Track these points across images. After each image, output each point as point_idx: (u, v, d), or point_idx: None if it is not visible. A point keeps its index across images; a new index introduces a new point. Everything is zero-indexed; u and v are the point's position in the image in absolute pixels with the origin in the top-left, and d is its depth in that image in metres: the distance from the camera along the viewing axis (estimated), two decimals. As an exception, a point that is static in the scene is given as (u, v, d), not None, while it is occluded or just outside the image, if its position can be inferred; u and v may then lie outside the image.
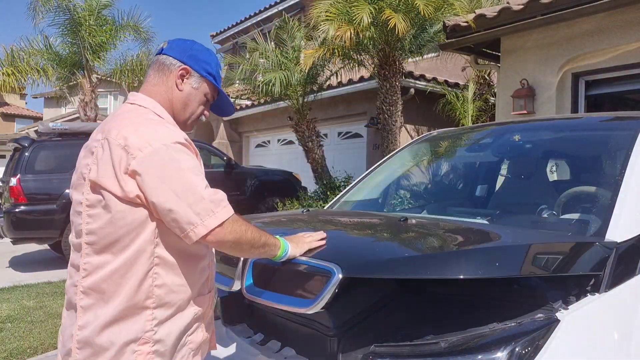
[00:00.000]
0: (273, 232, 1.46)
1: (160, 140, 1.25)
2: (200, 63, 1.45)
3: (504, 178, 2.97)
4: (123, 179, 1.22)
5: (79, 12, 10.24)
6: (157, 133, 1.27)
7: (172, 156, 1.25)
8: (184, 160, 1.26)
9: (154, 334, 1.27)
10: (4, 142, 17.33)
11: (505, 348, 1.25)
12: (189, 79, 1.43)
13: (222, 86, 1.58)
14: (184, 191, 1.23)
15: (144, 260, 1.26)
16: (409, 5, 5.87)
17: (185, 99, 1.44)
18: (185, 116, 1.45)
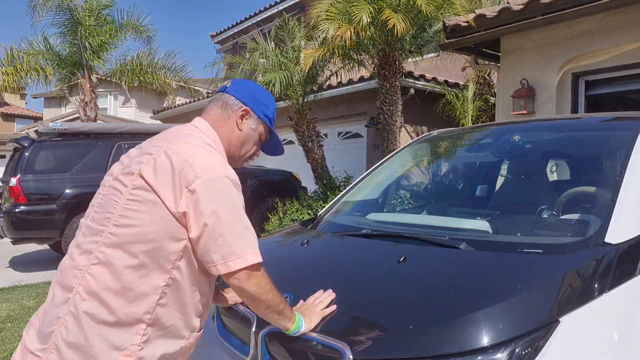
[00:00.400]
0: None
1: (223, 171, 1.32)
2: (260, 106, 1.54)
3: (504, 178, 2.97)
4: (181, 192, 1.25)
5: (79, 12, 10.24)
6: (220, 164, 1.35)
7: (231, 189, 1.32)
8: (239, 198, 1.34)
9: (139, 349, 1.27)
10: (4, 142, 17.34)
11: (505, 349, 1.25)
12: (248, 120, 1.52)
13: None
14: (238, 223, 1.31)
15: (157, 275, 1.27)
16: (409, 4, 5.86)
17: (244, 139, 1.53)
18: (240, 154, 1.54)
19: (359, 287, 1.68)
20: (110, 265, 1.25)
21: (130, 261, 1.25)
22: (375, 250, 1.98)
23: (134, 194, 1.27)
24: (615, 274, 1.49)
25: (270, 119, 1.58)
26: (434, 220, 2.51)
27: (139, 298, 1.25)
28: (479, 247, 1.80)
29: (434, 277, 1.65)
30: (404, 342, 1.34)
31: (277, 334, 1.58)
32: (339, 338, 1.41)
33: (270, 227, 6.74)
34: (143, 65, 11.19)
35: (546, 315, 1.33)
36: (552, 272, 1.50)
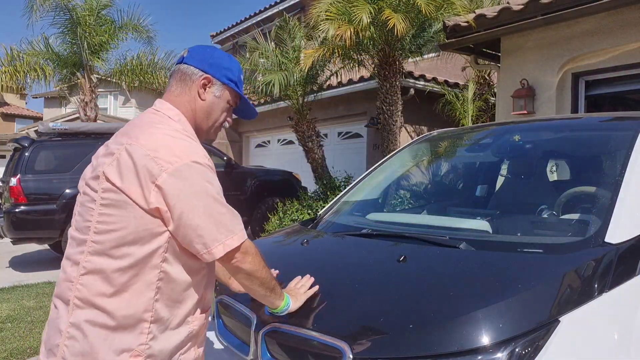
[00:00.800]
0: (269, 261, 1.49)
1: (189, 156, 1.26)
2: (222, 70, 1.45)
3: (504, 178, 2.98)
4: (148, 188, 1.21)
5: (78, 12, 10.24)
6: (187, 149, 1.28)
7: (201, 174, 1.27)
8: (211, 179, 1.29)
9: (147, 348, 1.25)
10: (4, 142, 17.34)
11: (505, 349, 1.25)
12: (211, 88, 1.43)
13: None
14: (212, 209, 1.27)
15: (148, 272, 1.25)
16: (409, 4, 5.86)
17: (208, 108, 1.44)
18: (208, 125, 1.46)
19: (359, 286, 1.68)
20: (99, 272, 1.24)
21: (118, 264, 1.23)
22: (375, 250, 1.98)
23: (105, 197, 1.25)
24: (615, 273, 1.49)
25: (236, 82, 1.47)
26: (434, 220, 2.51)
27: (134, 298, 1.24)
28: (479, 247, 1.80)
29: (434, 277, 1.65)
30: (404, 341, 1.34)
31: (277, 334, 1.58)
32: (339, 338, 1.41)
33: (270, 227, 6.74)
34: (143, 65, 11.19)
35: (546, 314, 1.33)
36: (552, 272, 1.50)
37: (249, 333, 1.66)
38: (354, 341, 1.39)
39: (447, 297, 1.47)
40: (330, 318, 1.54)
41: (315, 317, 1.56)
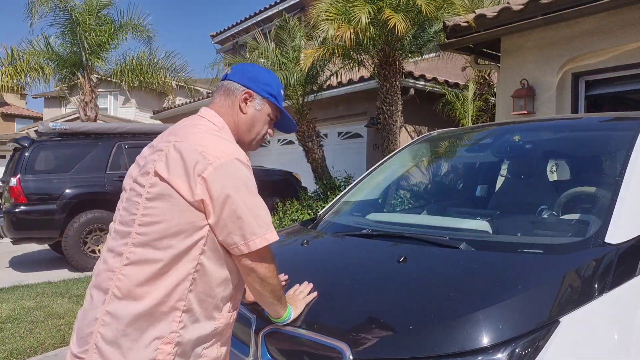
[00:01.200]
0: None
1: (234, 154, 1.34)
2: (262, 85, 1.53)
3: (504, 178, 2.97)
4: (194, 181, 1.28)
5: (78, 12, 10.24)
6: (230, 148, 1.37)
7: (244, 171, 1.34)
8: (252, 177, 1.37)
9: (177, 337, 1.31)
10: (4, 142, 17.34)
11: (505, 349, 1.25)
12: (252, 102, 1.52)
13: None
14: (253, 203, 1.34)
15: (186, 263, 1.31)
16: (409, 4, 5.86)
17: (250, 121, 1.52)
18: (251, 137, 1.54)
19: (359, 287, 1.68)
20: (141, 263, 1.30)
21: (160, 255, 1.29)
22: (375, 250, 1.98)
23: (152, 191, 1.31)
24: (615, 274, 1.49)
25: (276, 96, 1.55)
26: (434, 221, 2.51)
27: (171, 288, 1.29)
28: (479, 247, 1.80)
29: (434, 277, 1.65)
30: (404, 342, 1.34)
31: (277, 334, 1.58)
32: (339, 338, 1.41)
33: (270, 227, 6.72)
34: (143, 65, 11.18)
35: (546, 315, 1.33)
36: (552, 272, 1.50)
37: (249, 334, 1.66)
38: (353, 342, 1.39)
39: (447, 297, 1.47)
40: (330, 319, 1.54)
41: (315, 318, 1.55)
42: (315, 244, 2.22)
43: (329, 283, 1.75)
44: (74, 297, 5.20)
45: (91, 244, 6.86)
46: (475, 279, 1.55)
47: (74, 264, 6.74)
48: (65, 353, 4.07)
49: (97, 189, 6.94)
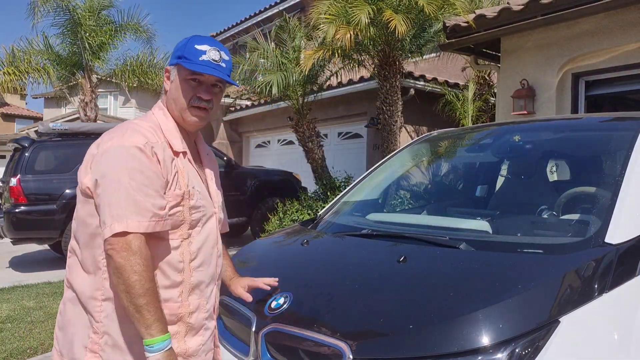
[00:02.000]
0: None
1: (122, 140, 1.31)
2: (175, 53, 1.44)
3: (504, 178, 2.98)
4: (87, 172, 1.35)
5: (78, 12, 10.23)
6: (124, 136, 1.32)
7: (126, 156, 1.29)
8: (135, 165, 1.28)
9: (102, 326, 1.32)
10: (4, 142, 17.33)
11: (505, 349, 1.25)
12: (170, 77, 1.45)
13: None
14: (121, 189, 1.26)
15: (97, 252, 1.33)
16: (410, 5, 5.86)
17: (172, 96, 1.44)
18: (177, 111, 1.44)
19: (358, 287, 1.68)
20: (73, 255, 1.41)
21: (78, 245, 1.38)
22: (375, 250, 1.98)
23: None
24: (615, 274, 1.49)
25: (183, 56, 1.39)
26: (434, 221, 2.51)
27: (90, 276, 1.35)
28: (479, 247, 1.80)
29: (434, 277, 1.65)
30: (404, 342, 1.34)
31: (277, 334, 1.58)
32: (339, 338, 1.41)
33: (270, 227, 6.74)
34: (143, 65, 11.18)
35: (546, 315, 1.33)
36: (552, 272, 1.50)
37: (249, 333, 1.66)
38: (354, 342, 1.39)
39: (447, 297, 1.47)
40: (330, 318, 1.54)
41: (316, 317, 1.55)
42: (315, 244, 2.22)
43: (329, 283, 1.75)
44: (74, 297, 5.19)
45: (91, 244, 6.85)
46: (475, 279, 1.55)
47: (74, 264, 6.73)
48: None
49: (97, 189, 6.93)
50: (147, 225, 1.26)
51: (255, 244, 2.75)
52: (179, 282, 1.37)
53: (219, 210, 1.57)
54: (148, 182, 1.28)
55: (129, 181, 1.26)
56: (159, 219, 1.29)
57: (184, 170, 1.40)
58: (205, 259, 1.45)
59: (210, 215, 1.48)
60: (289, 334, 1.55)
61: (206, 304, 1.46)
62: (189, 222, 1.40)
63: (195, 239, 1.42)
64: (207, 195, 1.50)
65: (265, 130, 12.64)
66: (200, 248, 1.43)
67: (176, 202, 1.36)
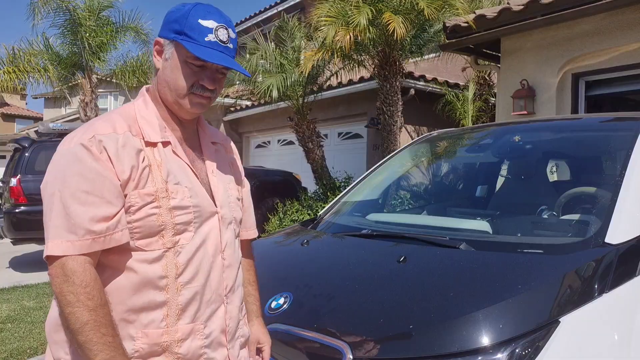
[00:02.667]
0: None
1: (71, 141, 1.11)
2: (167, 25, 1.16)
3: (504, 179, 2.98)
4: None
5: (79, 12, 10.24)
6: (79, 133, 1.12)
7: (62, 161, 1.10)
8: (71, 166, 1.07)
9: (66, 355, 1.21)
10: (4, 143, 17.34)
11: (505, 349, 1.25)
12: (163, 54, 1.18)
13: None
14: (48, 204, 1.06)
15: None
16: (409, 6, 5.86)
17: (166, 78, 1.17)
18: (172, 97, 1.17)
19: (358, 287, 1.68)
20: None
21: None
22: (375, 250, 1.98)
23: None
24: (615, 274, 1.49)
25: (183, 32, 1.12)
26: (434, 221, 2.51)
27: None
28: (479, 247, 1.80)
29: (434, 277, 1.65)
30: (404, 342, 1.34)
31: (277, 334, 1.58)
32: (339, 338, 1.41)
33: (271, 227, 6.74)
34: (143, 66, 11.19)
35: (546, 315, 1.33)
36: (552, 273, 1.50)
37: None
38: (353, 342, 1.39)
39: (447, 297, 1.47)
40: (330, 319, 1.54)
41: (316, 317, 1.55)
42: (315, 244, 2.22)
43: (329, 283, 1.75)
44: (74, 298, 5.19)
45: (91, 245, 6.85)
46: (475, 279, 1.55)
47: (74, 264, 6.73)
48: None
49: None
50: (80, 245, 1.02)
51: (255, 244, 2.74)
52: (160, 302, 1.11)
53: (227, 209, 1.26)
54: (88, 186, 1.04)
55: (63, 190, 1.04)
56: (97, 235, 1.03)
57: (162, 163, 1.14)
58: (199, 272, 1.16)
59: (208, 216, 1.20)
60: (289, 334, 1.55)
61: (204, 328, 1.17)
62: (173, 227, 1.12)
63: (184, 247, 1.14)
64: (204, 192, 1.20)
65: (266, 130, 12.65)
66: (192, 259, 1.15)
67: (144, 202, 1.09)
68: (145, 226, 1.10)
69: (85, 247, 1.02)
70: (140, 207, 1.09)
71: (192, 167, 1.21)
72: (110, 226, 1.05)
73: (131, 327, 1.10)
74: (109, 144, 1.07)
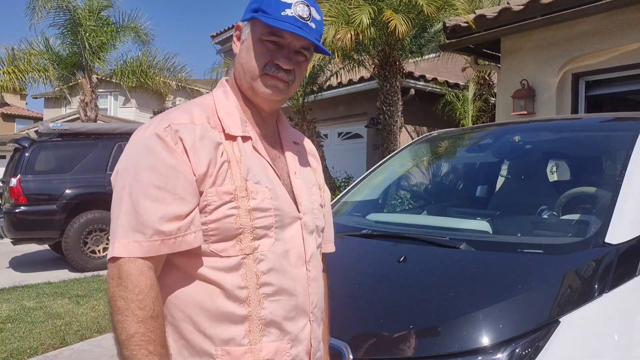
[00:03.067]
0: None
1: (147, 129, 1.00)
2: (248, 7, 1.08)
3: (504, 179, 2.98)
4: None
5: (79, 12, 10.25)
6: (156, 120, 1.02)
7: (134, 151, 0.98)
8: (143, 158, 0.95)
9: None
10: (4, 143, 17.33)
11: (505, 349, 1.25)
12: (240, 37, 1.10)
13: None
14: (117, 198, 0.96)
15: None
16: (410, 5, 5.87)
17: (241, 61, 1.08)
18: (246, 81, 1.07)
19: (358, 287, 1.68)
20: None
21: None
22: (375, 250, 1.97)
23: None
24: (615, 274, 1.49)
25: (260, 9, 1.03)
26: (434, 221, 2.51)
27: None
28: (479, 247, 1.80)
29: (434, 277, 1.65)
30: (404, 341, 1.34)
31: None
32: (339, 338, 1.41)
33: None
34: (143, 66, 11.21)
35: (546, 315, 1.33)
36: (552, 273, 1.50)
37: None
38: (353, 342, 1.39)
39: (447, 297, 1.47)
40: (330, 319, 1.54)
41: None
42: None
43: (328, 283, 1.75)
44: (74, 298, 5.19)
45: (91, 245, 6.86)
46: (475, 279, 1.55)
47: (74, 264, 6.74)
48: (65, 353, 4.05)
49: (97, 189, 6.94)
50: (148, 246, 0.91)
51: None
52: (242, 316, 0.98)
53: (310, 216, 1.13)
54: (160, 181, 0.93)
55: (133, 184, 0.94)
56: (166, 236, 0.92)
57: (242, 159, 1.02)
58: (283, 283, 1.03)
59: (290, 222, 1.07)
60: None
61: (290, 347, 1.04)
62: (251, 231, 0.99)
63: (266, 254, 1.01)
64: (286, 194, 1.08)
65: (266, 130, 12.63)
66: (274, 268, 1.02)
67: (222, 201, 0.97)
68: (221, 228, 0.98)
69: (153, 249, 0.92)
70: (217, 207, 0.97)
71: (273, 166, 1.08)
72: (183, 227, 0.94)
73: (208, 343, 0.98)
74: (185, 134, 0.97)
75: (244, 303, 0.98)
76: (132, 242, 0.91)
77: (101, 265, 6.77)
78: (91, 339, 4.00)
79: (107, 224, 6.87)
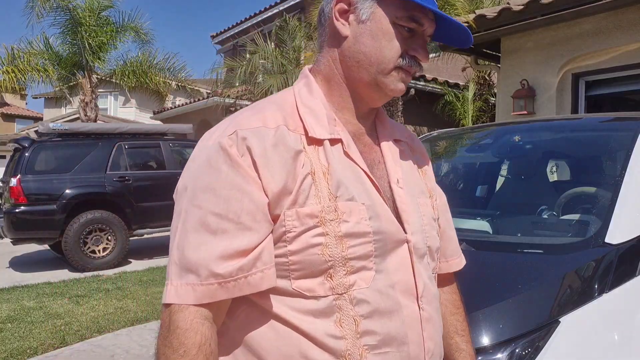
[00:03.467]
0: None
1: (209, 137, 0.81)
2: None
3: (504, 179, 2.98)
4: None
5: (79, 12, 10.26)
6: (220, 125, 0.82)
7: (194, 168, 0.79)
8: (203, 177, 0.76)
9: None
10: (4, 143, 17.34)
11: (505, 349, 1.25)
12: (353, 12, 0.84)
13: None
14: (173, 229, 0.79)
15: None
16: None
17: (357, 49, 0.83)
18: (369, 75, 0.84)
19: None
20: None
21: None
22: None
23: None
24: (615, 274, 1.49)
25: None
26: (434, 221, 2.51)
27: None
28: (479, 247, 1.80)
29: None
30: None
31: None
32: None
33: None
34: (143, 66, 11.22)
35: (546, 315, 1.33)
36: (552, 273, 1.50)
37: None
38: None
39: (447, 297, 1.47)
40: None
41: None
42: None
43: None
44: (74, 298, 5.19)
45: (91, 244, 6.86)
46: (475, 279, 1.55)
47: (74, 264, 6.74)
48: (65, 353, 4.04)
49: (97, 189, 6.95)
50: (202, 291, 0.72)
51: None
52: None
53: (420, 236, 0.87)
54: (221, 207, 0.74)
55: (190, 209, 0.76)
56: (224, 279, 0.73)
57: (330, 169, 0.79)
58: (389, 330, 0.79)
59: (395, 246, 0.82)
60: None
61: None
62: (344, 264, 0.77)
63: (365, 292, 0.78)
64: (388, 211, 0.83)
65: (266, 130, 12.62)
66: (378, 310, 0.79)
67: (305, 227, 0.76)
68: (305, 262, 0.76)
69: (208, 295, 0.73)
70: (298, 234, 0.75)
71: (370, 175, 0.83)
72: (245, 266, 0.73)
73: None
74: (254, 142, 0.75)
75: (341, 358, 0.76)
76: (184, 284, 0.73)
77: (101, 265, 6.77)
78: (91, 339, 4.00)
79: (107, 224, 6.91)
